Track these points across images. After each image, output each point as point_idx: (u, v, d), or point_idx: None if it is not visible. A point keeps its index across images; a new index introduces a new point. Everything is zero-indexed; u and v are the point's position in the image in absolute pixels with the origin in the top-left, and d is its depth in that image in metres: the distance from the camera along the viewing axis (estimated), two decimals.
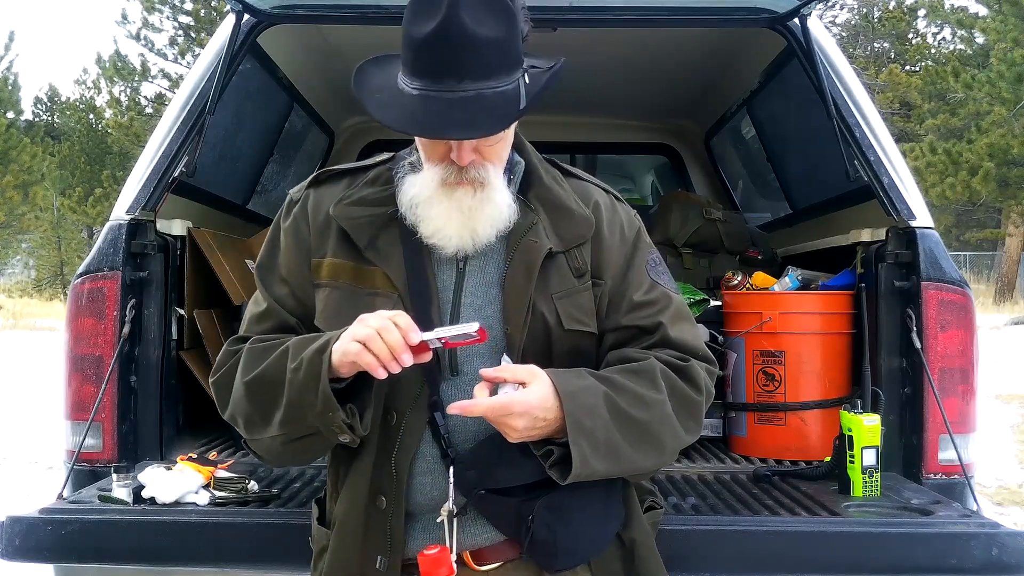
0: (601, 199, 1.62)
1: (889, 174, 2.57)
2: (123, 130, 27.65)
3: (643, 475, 1.57)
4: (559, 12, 2.65)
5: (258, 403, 1.48)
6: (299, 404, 1.41)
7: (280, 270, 1.59)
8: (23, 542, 1.97)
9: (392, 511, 1.47)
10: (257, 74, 3.26)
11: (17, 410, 8.20)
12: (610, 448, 1.39)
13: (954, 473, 2.40)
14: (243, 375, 1.49)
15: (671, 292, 1.59)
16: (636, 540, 1.55)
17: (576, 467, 1.36)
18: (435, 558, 1.42)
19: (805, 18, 2.65)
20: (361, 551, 1.48)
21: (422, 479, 1.48)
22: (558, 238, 1.53)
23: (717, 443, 2.92)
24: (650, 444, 1.44)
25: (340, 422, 1.40)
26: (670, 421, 1.46)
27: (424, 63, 1.37)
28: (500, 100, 1.37)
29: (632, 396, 1.43)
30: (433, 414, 1.47)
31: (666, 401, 1.46)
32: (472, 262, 1.52)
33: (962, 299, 2.44)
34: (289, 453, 1.52)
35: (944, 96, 23.82)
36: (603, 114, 4.61)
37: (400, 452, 1.47)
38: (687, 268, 3.66)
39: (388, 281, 1.49)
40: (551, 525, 1.44)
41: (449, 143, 1.42)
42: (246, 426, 1.52)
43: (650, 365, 1.48)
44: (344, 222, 1.52)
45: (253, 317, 1.60)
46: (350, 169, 1.64)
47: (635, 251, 1.59)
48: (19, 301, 23.29)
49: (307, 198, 1.60)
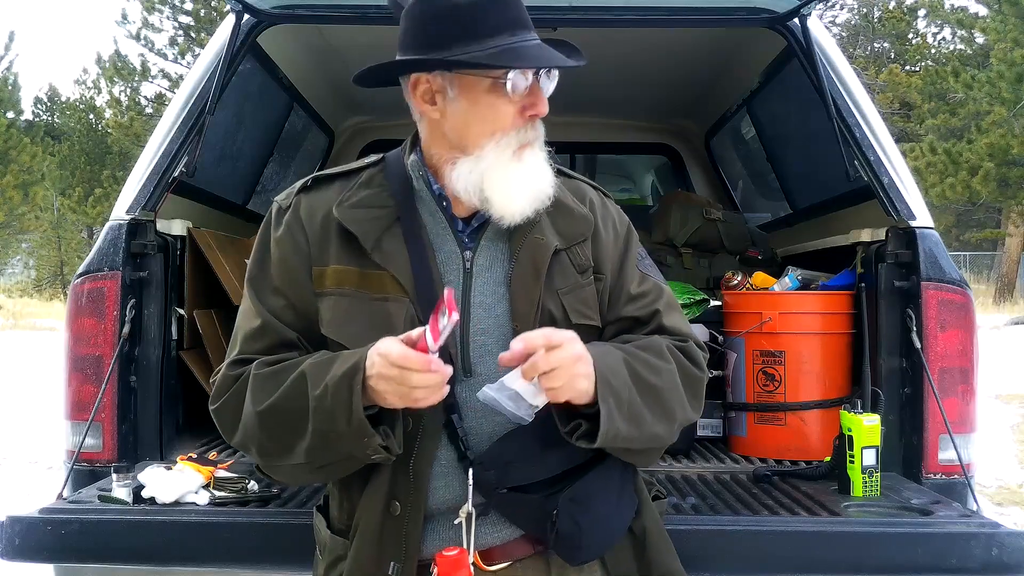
0: (594, 197, 1.65)
1: (889, 174, 2.57)
2: (123, 130, 27.66)
3: (652, 450, 1.55)
4: (559, 12, 2.66)
5: (276, 433, 1.42)
6: (328, 432, 1.36)
7: (274, 281, 1.52)
8: (23, 542, 1.97)
9: (408, 516, 1.45)
10: (257, 74, 3.26)
11: (17, 410, 8.20)
12: (632, 410, 1.41)
13: (954, 473, 2.40)
14: (254, 403, 1.42)
15: (661, 284, 1.64)
16: (647, 528, 1.56)
17: (603, 425, 1.36)
18: (454, 560, 1.40)
19: (805, 18, 2.65)
20: (375, 558, 1.46)
21: (437, 482, 1.47)
22: (560, 236, 1.54)
23: (717, 443, 2.92)
24: (663, 411, 1.47)
25: (376, 446, 1.36)
26: (679, 391, 1.50)
27: (493, 19, 1.42)
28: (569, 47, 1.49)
29: (645, 363, 1.47)
30: (450, 416, 1.45)
31: (675, 371, 1.50)
32: (479, 261, 1.51)
33: (962, 299, 2.44)
34: (317, 477, 1.49)
35: (944, 96, 23.82)
36: (603, 114, 4.61)
37: (418, 457, 1.45)
38: (687, 268, 3.66)
39: (397, 285, 1.46)
40: (575, 517, 1.44)
41: (518, 102, 1.45)
42: (262, 455, 1.47)
43: (656, 340, 1.53)
44: (350, 224, 1.49)
45: (248, 334, 1.51)
46: (339, 173, 1.60)
47: (627, 246, 1.63)
48: (19, 301, 23.28)
49: (298, 205, 1.54)
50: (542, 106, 1.47)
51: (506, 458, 1.45)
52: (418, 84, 1.48)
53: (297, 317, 1.50)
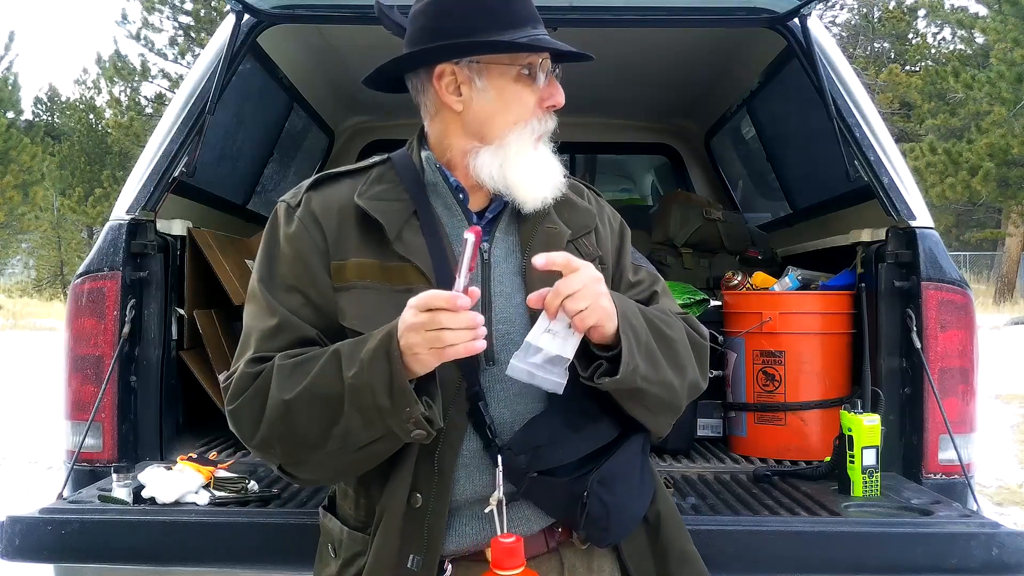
0: (589, 194, 1.72)
1: (889, 174, 2.57)
2: (123, 130, 27.66)
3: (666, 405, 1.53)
4: (559, 12, 2.66)
5: (308, 420, 1.38)
6: (368, 408, 1.33)
7: (288, 280, 1.49)
8: (23, 542, 1.97)
9: (432, 508, 1.44)
10: (257, 74, 3.26)
11: (17, 410, 8.20)
12: (649, 351, 1.45)
13: (954, 473, 2.40)
14: (282, 393, 1.38)
15: (654, 272, 1.73)
16: (661, 513, 1.59)
17: (624, 356, 1.38)
18: (510, 548, 1.36)
19: (805, 18, 2.65)
20: (395, 551, 1.45)
21: (459, 473, 1.46)
22: (568, 227, 1.59)
23: (717, 443, 2.92)
24: (676, 361, 1.51)
25: (419, 416, 1.33)
26: (688, 348, 1.55)
27: (509, 13, 1.49)
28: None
29: (657, 316, 1.53)
30: (476, 404, 1.45)
31: (683, 328, 1.57)
32: (495, 251, 1.53)
33: (962, 299, 2.44)
34: (347, 469, 1.46)
35: (944, 96, 23.81)
36: (603, 114, 4.60)
37: (444, 448, 1.45)
38: (687, 268, 3.66)
39: (420, 275, 1.46)
40: (603, 498, 1.45)
41: (539, 93, 1.51)
42: (290, 448, 1.42)
43: (661, 306, 1.61)
44: (375, 212, 1.49)
45: (265, 334, 1.46)
46: (346, 172, 1.61)
47: (622, 239, 1.71)
48: (19, 301, 23.29)
49: (309, 201, 1.54)
50: (560, 96, 1.53)
51: (536, 442, 1.44)
52: (443, 75, 1.50)
53: (315, 313, 1.48)
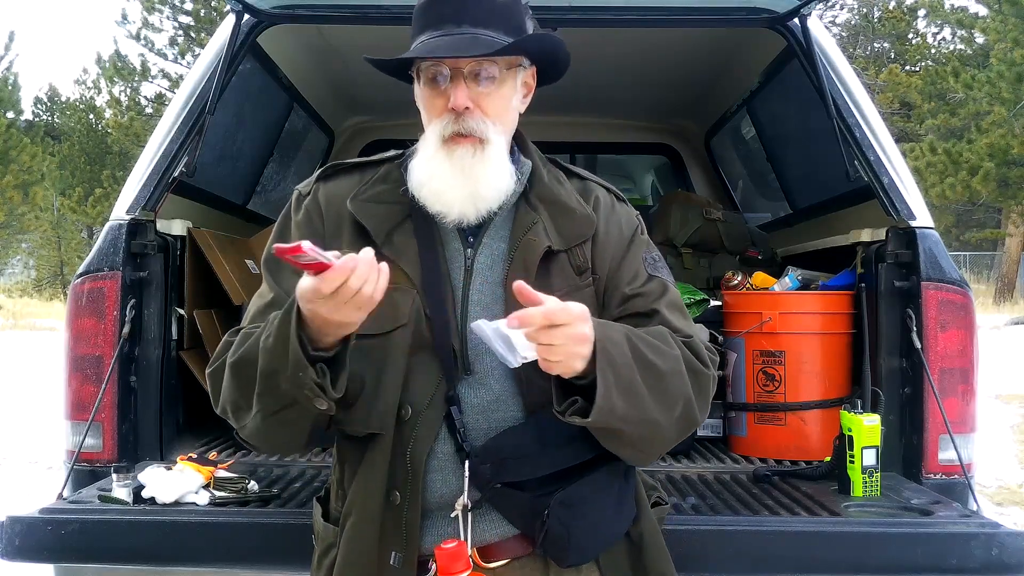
0: (603, 197, 1.64)
1: (889, 174, 2.57)
2: (123, 130, 27.67)
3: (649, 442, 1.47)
4: (559, 12, 2.66)
5: (240, 383, 1.44)
6: (271, 371, 1.37)
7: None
8: (23, 542, 1.97)
9: (408, 506, 1.47)
10: (257, 74, 3.26)
11: (17, 410, 8.20)
12: (631, 388, 1.36)
13: (954, 473, 2.40)
14: (230, 357, 1.46)
15: (668, 284, 1.60)
16: (644, 534, 1.57)
17: (599, 399, 1.31)
18: (452, 552, 1.41)
19: (805, 18, 2.65)
20: (376, 547, 1.47)
21: (434, 475, 1.48)
22: (560, 237, 1.55)
23: (717, 443, 2.92)
24: (664, 395, 1.41)
25: (311, 382, 1.34)
26: (682, 378, 1.44)
27: (429, 15, 1.50)
28: (493, 41, 1.46)
29: (647, 343, 1.43)
30: (450, 408, 1.47)
31: (679, 358, 1.45)
32: (479, 260, 1.53)
33: (962, 299, 2.44)
34: (271, 431, 1.47)
35: (944, 96, 23.81)
36: (603, 114, 4.60)
37: (415, 446, 1.47)
38: (687, 268, 3.66)
39: (405, 276, 1.49)
40: (565, 521, 1.45)
41: (447, 94, 1.47)
42: (233, 412, 1.49)
43: (661, 328, 1.49)
44: (363, 218, 1.53)
45: (258, 310, 1.54)
46: (359, 164, 1.64)
47: (629, 248, 1.60)
48: (19, 301, 23.28)
49: (317, 191, 1.60)
50: (455, 98, 1.47)
51: (502, 453, 1.46)
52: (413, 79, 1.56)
53: None
